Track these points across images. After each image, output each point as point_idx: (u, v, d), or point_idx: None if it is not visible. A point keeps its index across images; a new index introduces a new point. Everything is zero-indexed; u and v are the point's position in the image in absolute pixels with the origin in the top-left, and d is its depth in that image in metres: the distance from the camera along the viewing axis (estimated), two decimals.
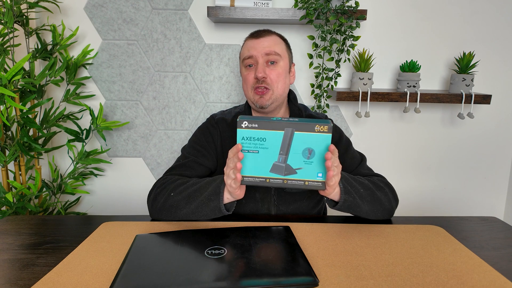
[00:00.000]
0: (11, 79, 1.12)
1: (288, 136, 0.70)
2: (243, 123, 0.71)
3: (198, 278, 0.57)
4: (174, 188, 0.84)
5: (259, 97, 0.92)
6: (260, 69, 0.91)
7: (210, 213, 0.80)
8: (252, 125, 0.71)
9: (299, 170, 0.72)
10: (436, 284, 0.59)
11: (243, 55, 0.95)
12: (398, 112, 1.49)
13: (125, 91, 1.45)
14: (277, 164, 0.72)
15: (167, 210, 0.83)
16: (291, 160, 0.72)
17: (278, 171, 0.72)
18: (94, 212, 1.56)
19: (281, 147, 0.71)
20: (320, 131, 0.69)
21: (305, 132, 0.70)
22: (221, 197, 0.78)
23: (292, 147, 0.71)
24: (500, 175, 1.56)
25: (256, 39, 0.94)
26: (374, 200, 0.83)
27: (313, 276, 0.59)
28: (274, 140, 0.71)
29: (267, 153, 0.72)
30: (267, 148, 0.72)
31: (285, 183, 0.73)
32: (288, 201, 0.95)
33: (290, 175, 0.72)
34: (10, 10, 1.16)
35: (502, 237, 0.79)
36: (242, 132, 0.72)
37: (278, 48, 0.93)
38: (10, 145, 1.25)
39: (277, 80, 0.92)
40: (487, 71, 1.46)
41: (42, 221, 0.85)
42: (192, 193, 0.81)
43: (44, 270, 0.63)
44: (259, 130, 0.71)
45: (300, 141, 0.70)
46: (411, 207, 1.59)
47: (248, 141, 0.72)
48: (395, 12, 1.40)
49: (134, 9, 1.37)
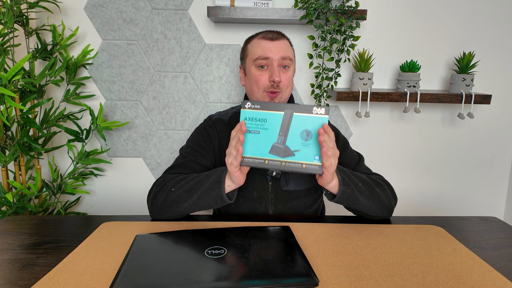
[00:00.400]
0: (11, 79, 1.12)
1: (287, 117, 0.73)
2: (246, 104, 0.75)
3: (198, 278, 0.57)
4: (174, 184, 0.85)
5: (271, 99, 0.93)
6: (277, 73, 0.91)
7: (212, 203, 0.81)
8: (255, 106, 0.75)
9: (297, 153, 0.74)
10: (436, 284, 0.59)
11: (257, 54, 0.93)
12: (398, 112, 1.49)
13: (125, 91, 1.45)
14: (276, 145, 0.74)
15: (168, 206, 0.83)
16: (289, 142, 0.74)
17: (277, 152, 0.74)
18: (94, 212, 1.56)
19: (280, 128, 0.74)
20: (318, 113, 0.73)
21: (304, 114, 0.73)
22: (222, 185, 0.79)
23: (291, 129, 0.73)
24: (500, 175, 1.56)
25: (272, 42, 0.93)
26: (373, 195, 0.83)
27: (313, 276, 0.59)
28: (274, 121, 0.74)
29: (267, 134, 0.74)
30: (267, 129, 0.74)
31: (283, 165, 0.75)
32: (285, 199, 0.96)
33: (288, 157, 0.74)
34: (10, 10, 1.16)
35: (502, 237, 0.79)
36: (245, 112, 0.75)
37: (291, 53, 0.96)
38: (10, 145, 1.25)
39: (288, 84, 0.94)
40: (487, 71, 1.46)
41: (42, 221, 0.85)
42: (193, 186, 0.82)
43: (44, 270, 0.63)
44: (260, 111, 0.74)
45: (298, 123, 0.73)
46: (411, 207, 1.59)
47: (250, 121, 0.75)
48: (395, 12, 1.40)
49: (134, 9, 1.37)
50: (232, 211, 0.98)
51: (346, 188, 0.79)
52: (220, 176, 0.80)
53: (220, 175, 0.80)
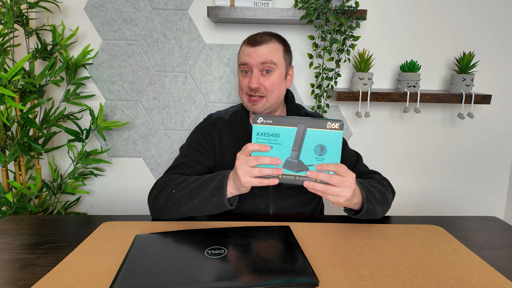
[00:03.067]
0: (11, 79, 1.12)
1: (301, 132, 0.72)
2: (258, 119, 0.74)
3: (198, 278, 0.57)
4: (175, 186, 0.85)
5: (252, 104, 0.94)
6: (254, 79, 0.91)
7: (213, 208, 0.80)
8: (267, 121, 0.74)
9: (311, 167, 0.73)
10: (436, 284, 0.59)
11: (239, 60, 0.96)
12: (398, 112, 1.49)
13: (125, 91, 1.45)
14: (290, 160, 0.74)
15: (169, 208, 0.83)
16: (303, 156, 0.73)
17: (290, 167, 0.74)
18: (94, 212, 1.56)
19: (294, 143, 0.73)
20: (332, 128, 0.71)
21: (317, 128, 0.71)
22: (224, 192, 0.78)
23: (304, 143, 0.72)
24: (500, 175, 1.56)
25: (253, 47, 0.92)
26: (384, 201, 0.85)
27: (313, 276, 0.59)
28: (287, 136, 0.73)
29: (281, 149, 0.74)
30: (280, 144, 0.74)
31: (297, 179, 0.74)
32: (286, 195, 0.96)
33: (302, 171, 0.73)
34: (10, 10, 1.16)
35: (502, 237, 0.79)
36: (257, 127, 0.74)
37: (275, 57, 0.92)
38: (10, 145, 1.25)
39: (272, 89, 0.93)
40: (487, 71, 1.46)
41: (42, 221, 0.85)
42: (194, 189, 0.82)
43: (44, 270, 0.63)
44: (273, 126, 0.74)
45: (312, 137, 0.72)
46: (411, 207, 1.59)
47: (262, 136, 0.74)
48: (395, 12, 1.40)
49: (134, 9, 1.37)
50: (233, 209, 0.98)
51: (369, 205, 0.79)
52: (221, 182, 0.79)
53: (221, 181, 0.79)
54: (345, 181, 0.71)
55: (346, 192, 0.71)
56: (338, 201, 0.72)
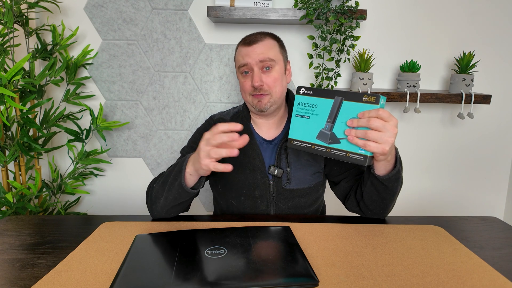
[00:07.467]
0: (11, 79, 1.12)
1: (337, 104, 0.73)
2: (301, 89, 0.77)
3: (198, 278, 0.57)
4: (157, 179, 0.86)
5: (258, 100, 0.94)
6: (256, 78, 0.91)
7: (177, 195, 0.78)
8: (308, 91, 0.77)
9: (343, 141, 0.73)
10: (436, 284, 0.59)
11: (238, 63, 0.96)
12: (398, 112, 1.49)
13: (125, 91, 1.45)
14: (324, 131, 0.75)
15: (155, 203, 0.84)
16: (337, 129, 0.73)
17: (323, 138, 0.75)
18: (94, 212, 1.56)
19: (329, 115, 0.74)
20: (368, 101, 0.69)
21: (353, 101, 0.71)
22: (182, 174, 0.76)
23: (339, 116, 0.73)
24: (500, 175, 1.56)
25: (250, 46, 0.93)
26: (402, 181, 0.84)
27: (313, 276, 0.59)
28: (324, 107, 0.74)
29: (317, 119, 0.75)
30: (317, 114, 0.75)
31: (328, 151, 0.75)
32: (287, 198, 0.96)
33: (334, 144, 0.74)
34: (10, 10, 1.16)
35: (502, 237, 0.79)
36: (299, 98, 0.78)
37: (272, 53, 0.93)
38: (10, 145, 1.25)
39: (274, 84, 0.93)
40: (487, 71, 1.46)
41: (42, 221, 0.85)
42: (165, 178, 0.82)
43: (44, 270, 0.63)
44: (312, 97, 0.76)
45: (347, 110, 0.72)
46: (411, 207, 1.59)
47: (302, 106, 0.77)
48: (395, 12, 1.40)
49: (134, 9, 1.37)
50: (233, 210, 0.98)
51: (400, 168, 0.78)
52: (181, 165, 0.76)
53: (181, 165, 0.76)
54: (388, 125, 0.66)
55: (389, 136, 0.66)
56: (384, 149, 0.67)
